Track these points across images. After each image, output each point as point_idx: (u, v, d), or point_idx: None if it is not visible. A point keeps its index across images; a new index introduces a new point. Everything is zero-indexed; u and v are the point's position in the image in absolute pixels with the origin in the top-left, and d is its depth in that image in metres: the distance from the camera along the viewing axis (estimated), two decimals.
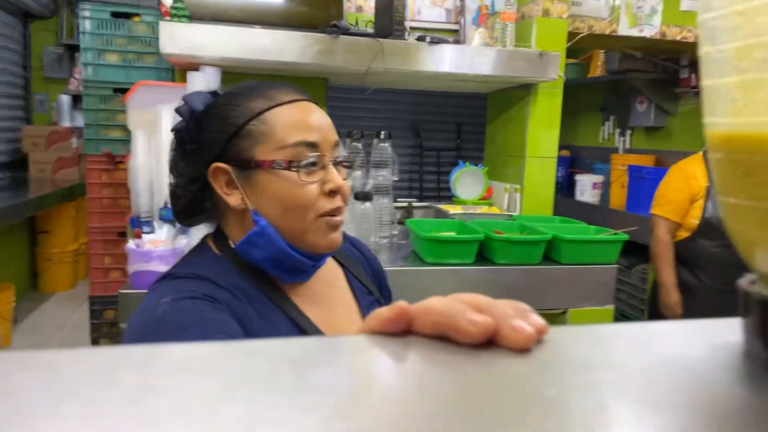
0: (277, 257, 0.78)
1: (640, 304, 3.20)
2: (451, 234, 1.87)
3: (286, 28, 1.93)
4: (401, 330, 0.29)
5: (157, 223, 1.64)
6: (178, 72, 2.19)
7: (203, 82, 1.84)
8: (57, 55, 4.66)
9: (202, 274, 0.75)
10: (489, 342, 0.27)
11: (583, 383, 0.25)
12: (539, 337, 0.28)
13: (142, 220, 1.73)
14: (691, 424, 0.22)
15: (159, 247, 1.51)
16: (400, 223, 2.19)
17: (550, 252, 1.88)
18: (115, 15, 2.51)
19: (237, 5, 2.09)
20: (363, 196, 1.88)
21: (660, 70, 3.24)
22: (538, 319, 0.28)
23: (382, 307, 0.89)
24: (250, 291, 0.77)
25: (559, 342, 0.28)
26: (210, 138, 0.78)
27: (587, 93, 3.97)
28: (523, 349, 0.27)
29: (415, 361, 0.27)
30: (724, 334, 0.30)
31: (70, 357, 0.25)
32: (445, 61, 2.03)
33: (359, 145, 2.09)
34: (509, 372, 0.25)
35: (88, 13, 2.48)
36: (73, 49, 4.53)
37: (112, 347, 0.26)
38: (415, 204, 2.51)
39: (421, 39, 2.05)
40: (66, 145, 4.12)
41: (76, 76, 4.48)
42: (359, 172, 2.07)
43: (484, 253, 1.85)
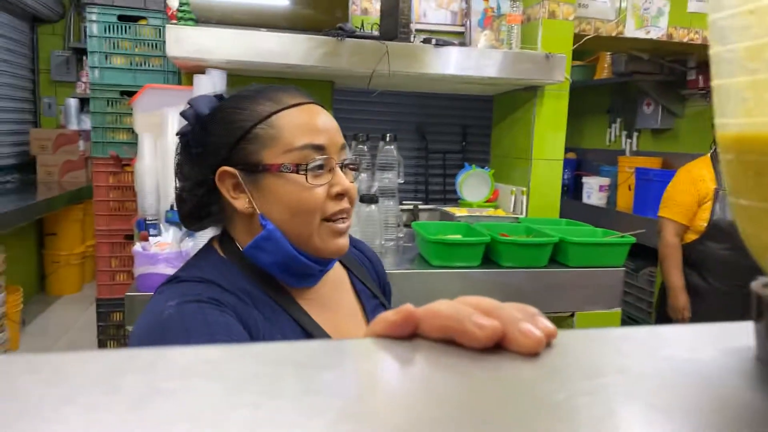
0: (284, 261, 0.78)
1: (647, 307, 3.18)
2: (457, 236, 1.86)
3: (292, 31, 1.94)
4: (408, 333, 0.28)
5: (164, 226, 1.64)
6: (185, 75, 2.20)
7: (209, 84, 1.84)
8: (64, 59, 4.69)
9: (208, 277, 0.75)
10: (497, 346, 0.27)
11: (592, 388, 0.24)
12: (548, 341, 0.27)
13: (148, 222, 1.73)
14: (701, 428, 0.21)
15: (165, 249, 1.51)
16: (406, 225, 2.18)
17: (556, 255, 1.87)
18: (121, 18, 2.52)
19: (243, 8, 2.10)
20: (369, 199, 1.88)
21: (667, 72, 3.22)
22: (546, 322, 0.28)
23: (388, 310, 0.89)
24: (256, 294, 0.77)
25: (567, 346, 0.28)
26: (216, 142, 0.78)
27: (594, 95, 3.96)
28: (532, 353, 0.26)
29: (422, 365, 0.27)
30: (734, 337, 0.29)
31: (76, 360, 0.25)
32: (450, 63, 2.03)
33: (365, 147, 2.09)
34: (517, 376, 0.25)
35: (95, 17, 2.50)
36: (80, 52, 4.56)
37: (117, 350, 0.26)
38: (420, 206, 2.50)
39: (426, 41, 2.05)
40: (73, 148, 4.14)
41: (84, 79, 4.51)
42: (365, 175, 2.07)
43: (490, 256, 1.84)
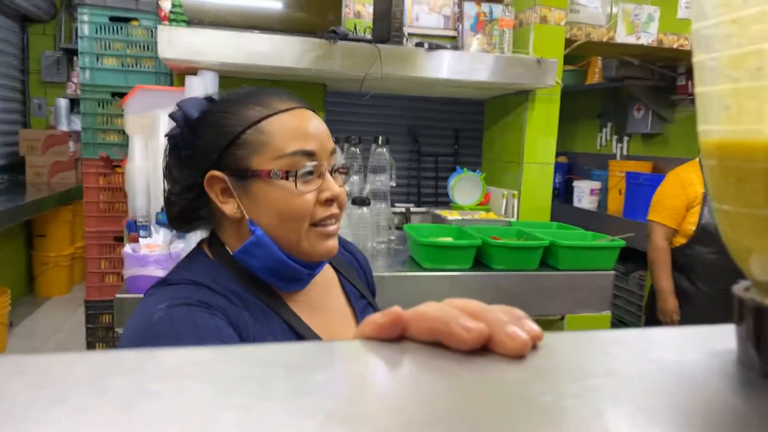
0: (273, 267, 0.78)
1: (637, 310, 3.20)
2: (448, 239, 1.87)
3: (285, 33, 1.94)
4: (396, 335, 0.28)
5: (154, 228, 1.63)
6: (177, 76, 2.19)
7: (201, 86, 1.84)
8: (55, 59, 4.66)
9: (198, 279, 0.75)
10: (483, 348, 0.27)
11: (578, 390, 0.25)
12: (534, 344, 0.28)
13: (138, 224, 1.73)
14: (686, 430, 0.22)
15: (155, 251, 1.51)
16: (398, 228, 2.19)
17: (547, 258, 1.88)
18: (113, 19, 2.51)
19: (235, 10, 2.09)
20: (360, 201, 1.88)
21: (657, 77, 3.26)
22: (532, 325, 0.28)
23: (375, 311, 0.89)
24: (246, 297, 0.77)
25: (554, 348, 0.28)
26: (205, 146, 0.78)
27: (585, 100, 3.98)
28: (518, 356, 0.27)
29: (410, 367, 0.27)
30: (719, 340, 0.30)
31: (64, 361, 0.25)
32: (443, 67, 2.04)
33: (357, 150, 2.09)
34: (504, 378, 0.25)
35: (86, 18, 2.48)
36: (71, 53, 4.54)
37: (105, 352, 0.26)
38: (412, 209, 2.51)
39: (419, 45, 2.05)
40: (63, 148, 4.11)
41: (74, 80, 4.48)
42: (357, 177, 2.08)
43: (481, 259, 1.85)
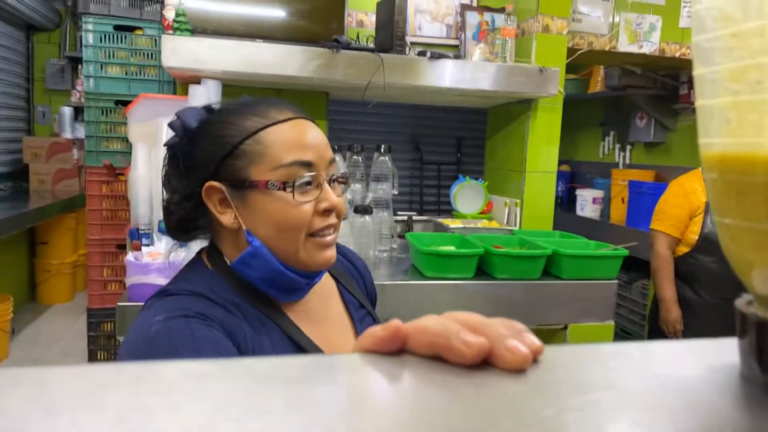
0: (271, 277, 0.78)
1: (640, 319, 3.19)
2: (450, 248, 1.86)
3: (288, 42, 1.95)
4: (396, 349, 0.28)
5: (156, 236, 1.64)
6: (180, 85, 2.20)
7: (204, 95, 1.85)
8: (59, 67, 4.69)
9: (196, 290, 0.75)
10: (484, 362, 0.27)
11: (579, 404, 0.24)
12: (534, 357, 0.28)
13: (141, 232, 1.73)
14: None
15: (157, 259, 1.51)
16: (400, 236, 2.19)
17: (550, 267, 1.88)
18: (117, 28, 2.53)
19: (239, 19, 2.11)
20: (363, 210, 1.88)
21: (659, 86, 3.26)
22: (533, 338, 0.28)
23: (374, 321, 0.88)
24: (244, 307, 0.77)
25: (554, 362, 0.28)
26: (204, 156, 0.78)
27: (587, 108, 3.99)
28: (518, 370, 0.26)
29: (410, 381, 0.27)
30: (722, 354, 0.30)
31: (61, 374, 0.25)
32: (445, 76, 2.04)
33: (359, 158, 2.09)
34: (504, 393, 0.25)
35: (90, 26, 2.50)
36: (75, 61, 4.57)
37: (103, 364, 0.26)
38: (415, 217, 2.51)
39: (421, 54, 2.06)
40: (67, 156, 4.13)
41: (79, 88, 4.51)
42: (359, 186, 2.08)
43: (483, 268, 1.84)
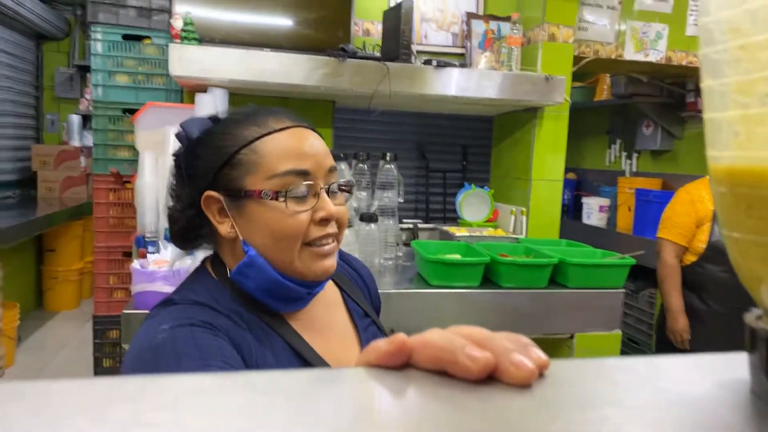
0: (268, 287, 0.78)
1: (647, 329, 3.16)
2: (456, 256, 1.86)
3: (294, 51, 1.96)
4: (400, 363, 0.28)
5: (162, 244, 1.64)
6: (187, 93, 2.22)
7: (211, 103, 1.86)
8: (68, 76, 4.73)
9: (201, 300, 0.75)
10: (489, 377, 0.27)
11: (585, 420, 0.24)
12: (540, 372, 0.27)
13: (147, 239, 1.73)
14: None
15: (163, 267, 1.51)
16: (406, 244, 2.18)
17: (556, 276, 1.87)
18: (126, 37, 2.55)
19: (246, 28, 2.12)
20: (368, 218, 1.88)
21: (666, 94, 3.25)
22: (539, 353, 0.28)
23: (379, 329, 0.88)
24: (248, 317, 0.77)
25: (560, 377, 0.28)
26: (203, 166, 0.78)
27: (593, 116, 3.98)
28: (524, 385, 0.26)
29: (414, 396, 0.26)
30: (730, 370, 0.29)
31: (64, 388, 0.25)
32: (451, 84, 2.05)
33: (365, 166, 2.10)
34: (509, 408, 0.25)
35: (99, 36, 2.52)
36: (84, 69, 4.61)
37: (105, 378, 0.26)
38: (420, 225, 2.50)
39: (427, 63, 2.07)
40: (74, 164, 4.16)
41: (87, 96, 4.55)
42: (364, 194, 2.08)
43: (489, 276, 1.84)
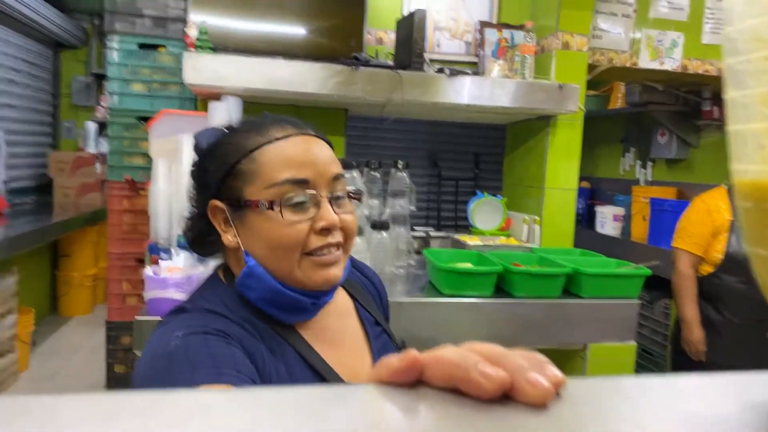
0: (269, 297, 0.77)
1: (663, 340, 3.12)
2: (468, 265, 1.85)
3: (308, 59, 1.97)
4: (412, 380, 0.27)
5: (175, 251, 1.64)
6: (201, 101, 2.23)
7: (224, 111, 1.87)
8: (85, 84, 4.80)
9: (214, 308, 0.75)
10: (503, 396, 0.26)
11: None
12: (557, 391, 0.26)
13: (160, 246, 1.74)
14: None
15: (175, 274, 1.51)
16: (417, 252, 2.17)
17: (570, 285, 1.85)
18: (141, 46, 2.58)
19: (259, 37, 2.14)
20: (380, 225, 1.87)
21: (681, 102, 3.22)
22: (555, 371, 0.27)
23: (390, 338, 0.87)
24: (259, 325, 0.76)
25: (578, 396, 0.27)
26: (209, 176, 0.79)
27: (607, 124, 3.95)
28: (540, 405, 0.25)
29: (426, 414, 0.26)
30: (754, 390, 0.28)
31: (71, 403, 0.24)
32: (464, 92, 2.04)
33: (377, 174, 2.09)
34: (525, 429, 0.24)
35: (116, 44, 2.55)
36: (101, 78, 4.67)
37: (114, 393, 0.25)
38: (432, 234, 2.49)
39: (440, 71, 2.06)
40: (90, 170, 4.21)
41: (103, 104, 4.60)
42: (376, 201, 2.07)
43: (502, 286, 1.82)
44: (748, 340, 2.09)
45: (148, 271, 1.54)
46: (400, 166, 2.04)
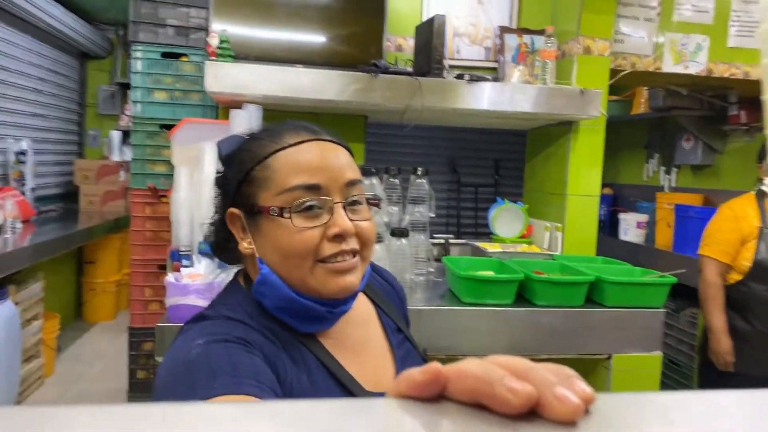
0: (284, 305, 0.76)
1: (689, 350, 3.05)
2: (489, 273, 1.83)
3: (327, 67, 1.97)
4: (434, 394, 0.26)
5: (196, 257, 1.66)
6: (222, 109, 2.25)
7: (245, 119, 1.88)
8: (110, 93, 4.89)
9: (235, 315, 0.75)
10: (530, 411, 0.25)
11: None
12: (586, 408, 0.25)
13: (181, 253, 1.75)
14: None
15: (197, 281, 1.52)
16: (437, 260, 2.16)
17: (593, 294, 1.82)
18: (164, 55, 2.62)
19: (279, 45, 2.15)
20: (399, 233, 1.87)
21: (707, 107, 3.15)
22: (584, 386, 0.26)
23: (412, 345, 0.86)
24: (281, 333, 0.76)
25: (607, 413, 0.26)
26: (228, 183, 0.80)
27: (630, 130, 3.90)
28: (568, 421, 0.24)
29: (448, 431, 0.25)
30: None
31: (85, 415, 0.24)
32: (483, 98, 2.03)
33: (396, 180, 2.09)
34: None
35: (140, 54, 2.60)
36: (125, 87, 4.76)
37: (128, 405, 0.25)
38: (452, 241, 2.48)
39: (459, 77, 2.05)
40: (114, 178, 4.28)
41: (127, 112, 4.68)
42: (396, 208, 2.07)
43: (523, 294, 1.80)
44: None
45: (170, 277, 1.55)
46: (419, 173, 2.03)
